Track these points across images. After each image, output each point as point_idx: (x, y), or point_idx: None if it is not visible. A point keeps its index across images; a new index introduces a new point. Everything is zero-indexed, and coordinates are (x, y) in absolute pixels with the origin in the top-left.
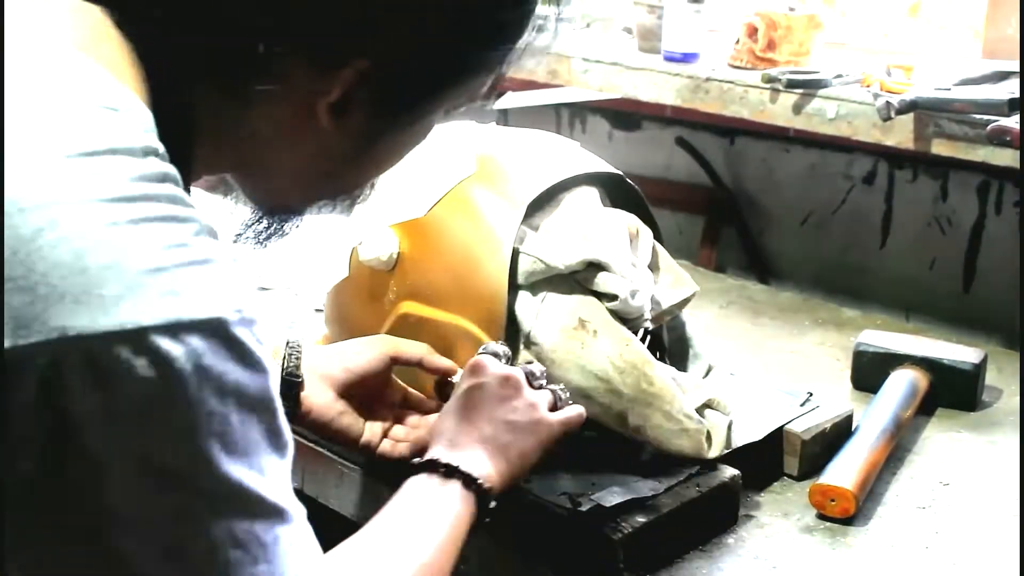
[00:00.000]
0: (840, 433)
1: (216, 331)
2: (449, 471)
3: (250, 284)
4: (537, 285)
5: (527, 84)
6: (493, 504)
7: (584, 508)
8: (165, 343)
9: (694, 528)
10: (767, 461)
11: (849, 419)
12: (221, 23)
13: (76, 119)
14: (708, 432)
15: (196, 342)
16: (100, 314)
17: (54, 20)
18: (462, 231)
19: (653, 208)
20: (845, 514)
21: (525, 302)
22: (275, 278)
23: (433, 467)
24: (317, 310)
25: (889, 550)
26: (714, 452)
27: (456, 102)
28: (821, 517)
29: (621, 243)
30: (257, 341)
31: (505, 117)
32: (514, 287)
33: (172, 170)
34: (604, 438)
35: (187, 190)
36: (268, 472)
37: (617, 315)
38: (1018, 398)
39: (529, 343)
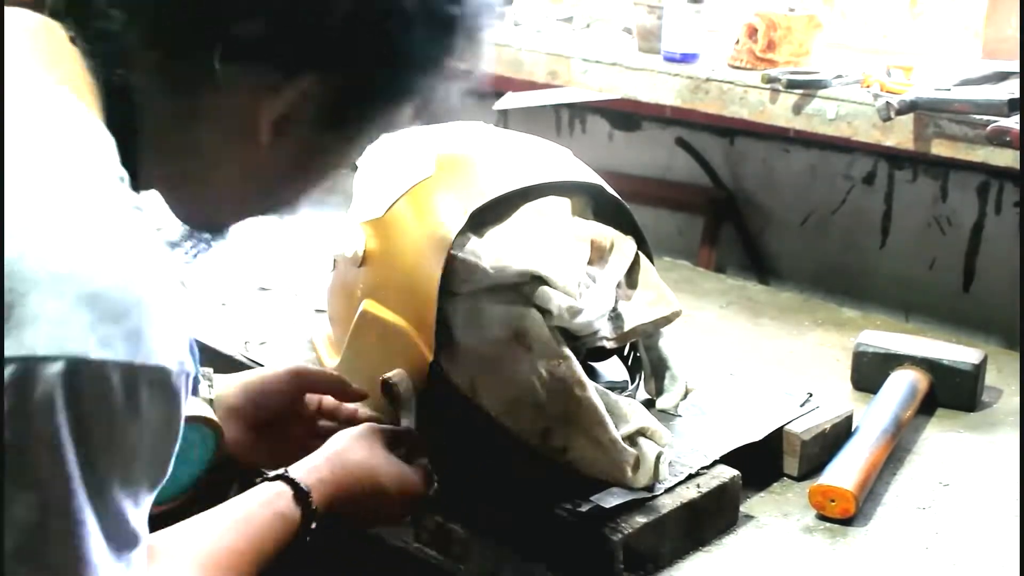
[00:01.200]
0: (840, 433)
1: (159, 379)
2: (289, 482)
3: (192, 333)
4: (478, 293)
5: (527, 84)
6: (314, 525)
7: (584, 508)
8: (116, 378)
9: (694, 528)
10: (767, 461)
11: (849, 419)
12: (172, 36)
13: (64, 146)
14: (637, 459)
15: (141, 386)
16: (76, 340)
17: (20, 40)
18: (415, 232)
19: (653, 208)
20: (845, 514)
21: (462, 309)
22: (275, 278)
23: (281, 478)
24: (318, 310)
25: (889, 550)
26: (641, 481)
27: (389, 124)
28: (821, 517)
29: (571, 256)
30: (186, 391)
31: (505, 117)
32: (453, 293)
33: (139, 199)
34: None
35: None
36: (142, 505)
37: (565, 331)
38: (1018, 398)
39: (461, 351)
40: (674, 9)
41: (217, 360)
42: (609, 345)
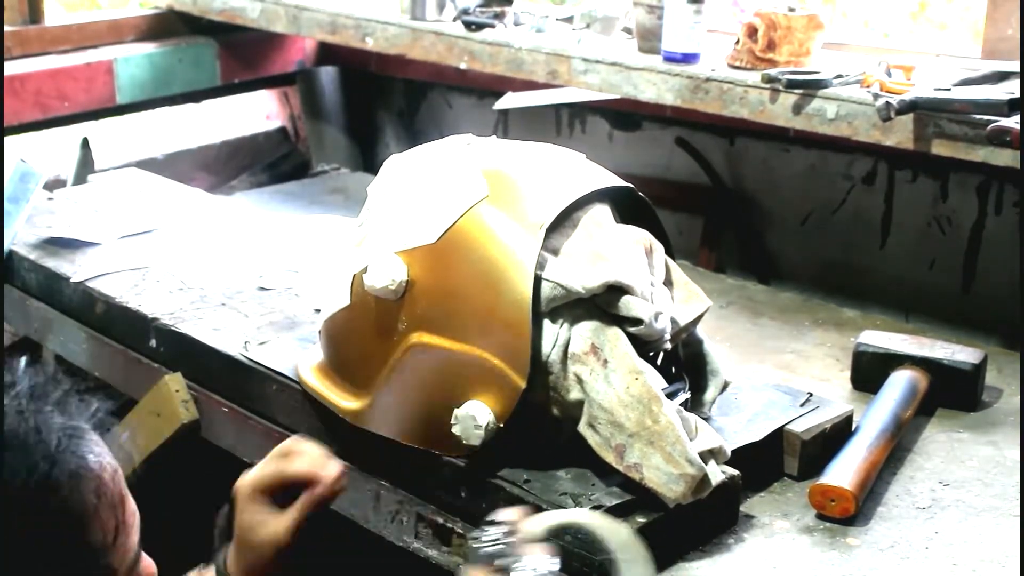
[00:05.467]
0: (840, 433)
1: None
2: None
3: None
4: (557, 311)
5: (527, 84)
6: None
7: (584, 508)
8: None
9: (694, 528)
10: (767, 461)
11: (849, 419)
12: None
13: None
14: (705, 478)
15: None
16: None
17: None
18: (478, 257)
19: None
20: (845, 514)
21: (546, 330)
22: (275, 278)
23: None
24: (317, 310)
25: (889, 550)
26: (694, 497)
27: None
28: (821, 517)
29: (640, 263)
30: None
31: (505, 117)
32: (536, 315)
33: None
34: None
35: None
36: None
37: (637, 339)
38: (1018, 398)
39: (546, 371)
40: (674, 9)
41: (217, 360)
42: (668, 347)
